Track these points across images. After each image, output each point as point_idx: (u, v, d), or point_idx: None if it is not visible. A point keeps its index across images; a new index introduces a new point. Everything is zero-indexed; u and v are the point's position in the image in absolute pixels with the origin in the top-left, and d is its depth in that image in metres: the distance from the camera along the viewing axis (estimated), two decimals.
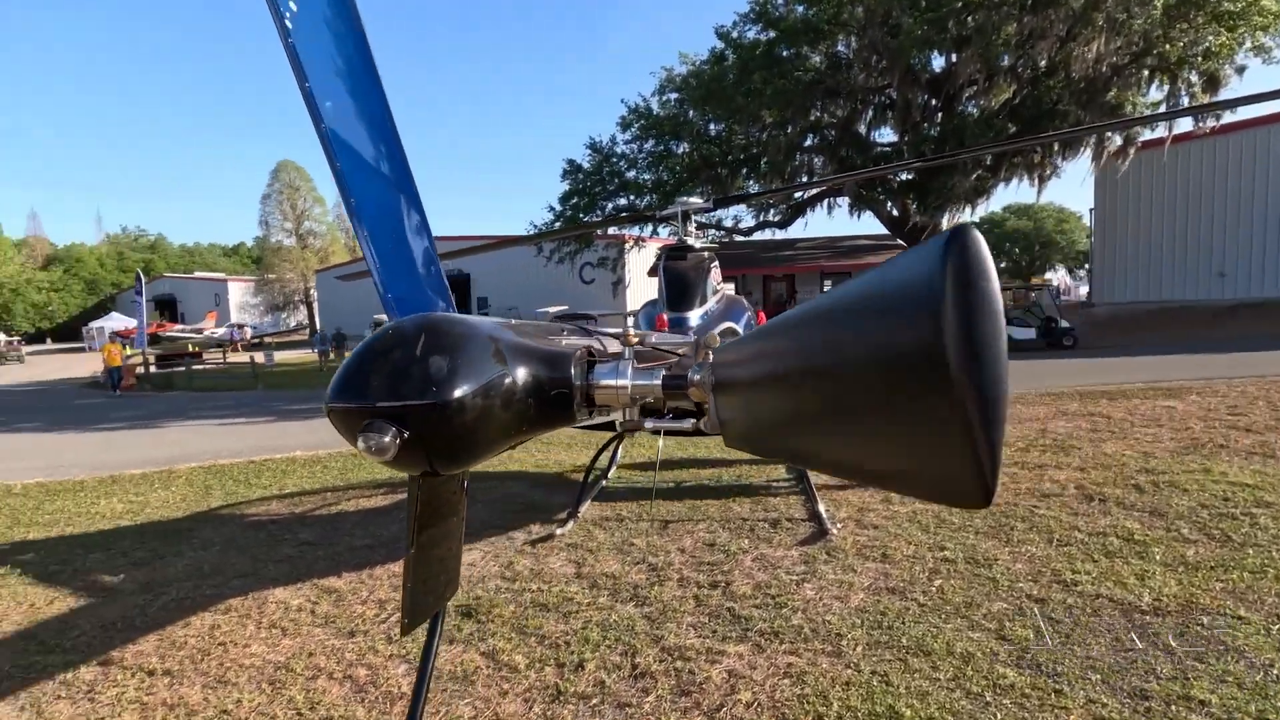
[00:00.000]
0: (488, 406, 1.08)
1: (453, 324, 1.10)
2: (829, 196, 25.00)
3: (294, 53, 1.05)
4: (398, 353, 1.07)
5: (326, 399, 1.09)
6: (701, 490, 6.13)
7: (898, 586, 3.87)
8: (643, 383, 1.32)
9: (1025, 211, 60.79)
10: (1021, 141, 16.24)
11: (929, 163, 17.51)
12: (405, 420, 1.03)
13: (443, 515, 1.35)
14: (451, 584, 1.39)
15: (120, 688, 3.22)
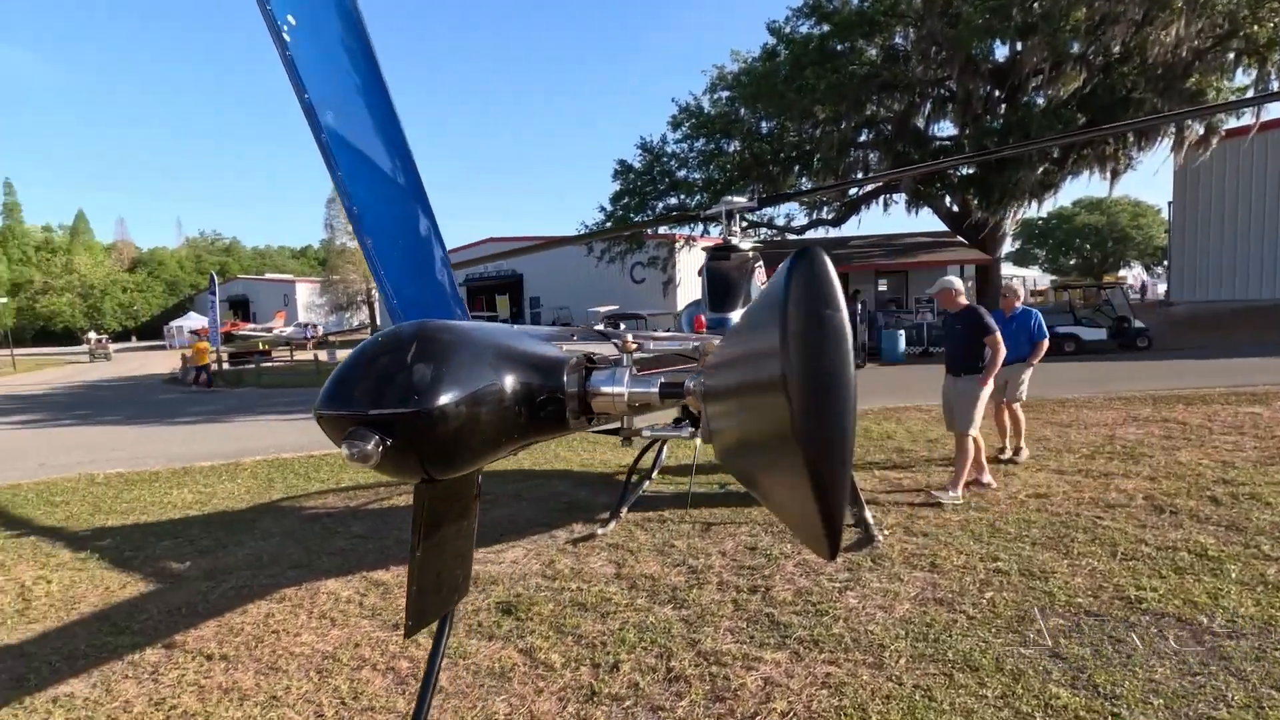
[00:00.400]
0: (474, 415, 1.08)
1: (444, 331, 1.11)
2: (885, 193, 24.38)
3: (292, 66, 1.08)
4: (384, 360, 1.08)
5: (315, 406, 1.11)
6: (746, 493, 6.04)
7: (946, 597, 3.74)
8: (640, 390, 1.30)
9: (1097, 206, 57.87)
10: (1091, 132, 15.47)
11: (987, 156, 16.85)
12: (388, 428, 1.04)
13: (451, 519, 1.36)
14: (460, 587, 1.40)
15: (181, 670, 3.39)
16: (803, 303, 0.74)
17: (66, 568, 5.05)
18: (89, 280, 67.40)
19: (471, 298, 39.27)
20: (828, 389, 0.75)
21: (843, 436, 0.76)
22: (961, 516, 5.07)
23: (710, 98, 23.49)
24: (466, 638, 3.58)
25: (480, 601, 4.03)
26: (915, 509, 5.32)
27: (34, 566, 5.09)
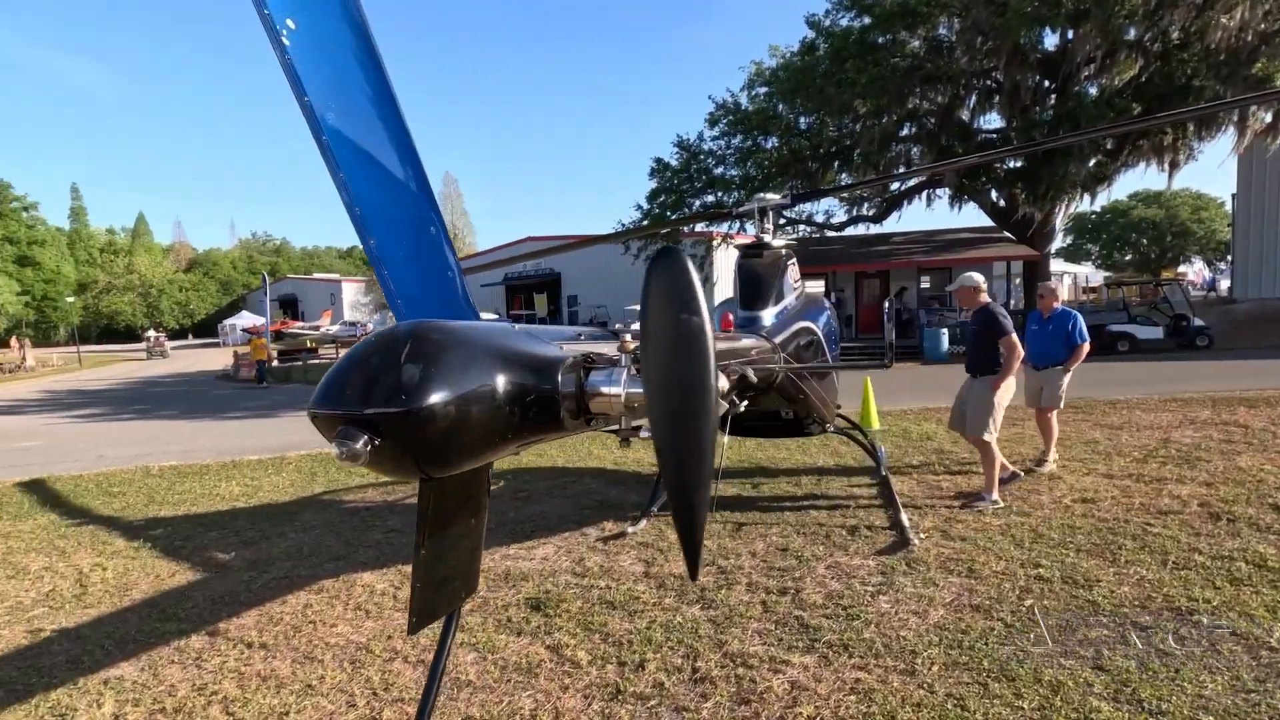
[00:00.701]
0: (464, 414, 1.08)
1: (438, 331, 1.11)
2: (928, 188, 23.81)
3: (291, 69, 1.09)
4: (375, 360, 1.09)
5: (308, 405, 1.12)
6: (780, 494, 5.99)
7: (983, 604, 3.63)
8: (639, 390, 1.28)
9: (1155, 199, 55.45)
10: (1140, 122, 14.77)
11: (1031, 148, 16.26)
12: (376, 427, 1.04)
13: (459, 517, 1.37)
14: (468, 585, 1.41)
15: (223, 657, 3.51)
16: (657, 306, 0.70)
17: (121, 555, 5.28)
18: (148, 280, 70.40)
19: (510, 296, 39.76)
20: (682, 396, 0.71)
21: (698, 446, 0.71)
22: (1002, 521, 4.92)
23: (748, 94, 23.28)
24: (496, 632, 3.63)
25: (510, 597, 4.07)
26: (954, 512, 5.18)
27: (91, 554, 5.34)
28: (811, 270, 24.84)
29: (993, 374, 5.29)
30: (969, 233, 26.22)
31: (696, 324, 0.69)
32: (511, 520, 5.65)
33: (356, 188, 1.15)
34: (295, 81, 1.07)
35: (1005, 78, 18.70)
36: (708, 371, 0.69)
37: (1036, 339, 6.39)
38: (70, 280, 63.83)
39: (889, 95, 18.59)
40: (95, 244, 72.91)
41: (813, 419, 5.09)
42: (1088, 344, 6.18)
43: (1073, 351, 6.16)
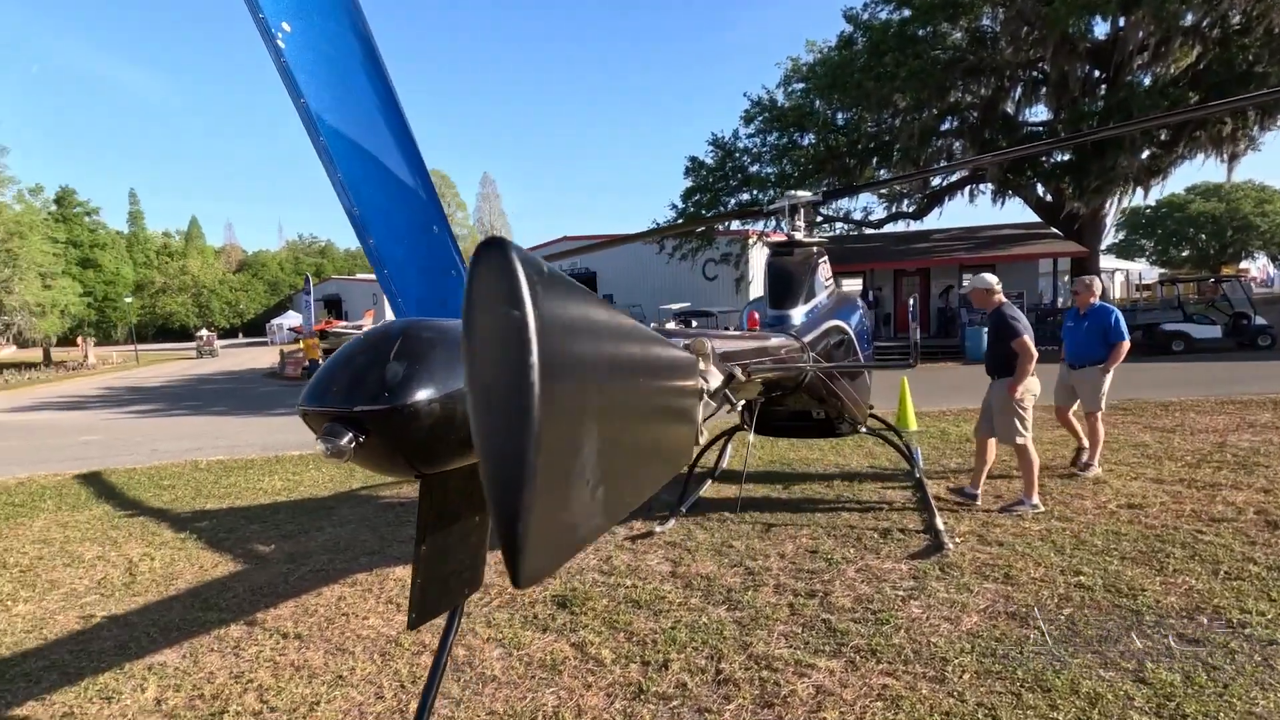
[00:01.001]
0: (450, 411, 1.08)
1: (428, 329, 1.11)
2: (971, 183, 23.22)
3: (287, 72, 1.11)
4: (363, 358, 1.10)
5: (298, 402, 1.14)
6: (810, 496, 5.91)
7: (1019, 612, 3.52)
8: None
9: (1215, 192, 53.02)
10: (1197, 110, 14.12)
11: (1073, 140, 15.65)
12: (361, 425, 1.05)
13: (461, 513, 1.38)
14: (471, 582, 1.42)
15: (260, 646, 3.62)
16: (478, 299, 0.66)
17: (169, 546, 5.49)
18: (200, 281, 73.08)
19: None
20: (501, 394, 0.67)
21: (517, 449, 0.67)
22: (1043, 526, 4.76)
23: (784, 91, 23.03)
24: (522, 629, 3.66)
25: (537, 594, 4.10)
26: (991, 516, 5.04)
27: (141, 544, 5.56)
28: (849, 268, 24.47)
29: (1010, 377, 5.12)
30: (1013, 229, 25.50)
31: (518, 318, 0.65)
32: None
33: (355, 188, 1.17)
34: (291, 84, 1.09)
35: (1052, 68, 18.10)
36: (528, 369, 0.65)
37: (1072, 336, 6.13)
38: (128, 281, 66.61)
39: (929, 89, 18.16)
40: (152, 247, 75.93)
41: (844, 419, 5.01)
42: (1127, 341, 5.85)
43: (1111, 349, 5.83)
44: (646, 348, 1.08)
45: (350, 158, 1.17)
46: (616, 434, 0.95)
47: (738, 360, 2.76)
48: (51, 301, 34.50)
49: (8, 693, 3.27)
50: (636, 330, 1.06)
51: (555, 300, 0.71)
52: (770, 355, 3.51)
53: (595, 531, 0.93)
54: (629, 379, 1.00)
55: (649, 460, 1.17)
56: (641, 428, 1.09)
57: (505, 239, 0.69)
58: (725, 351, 2.91)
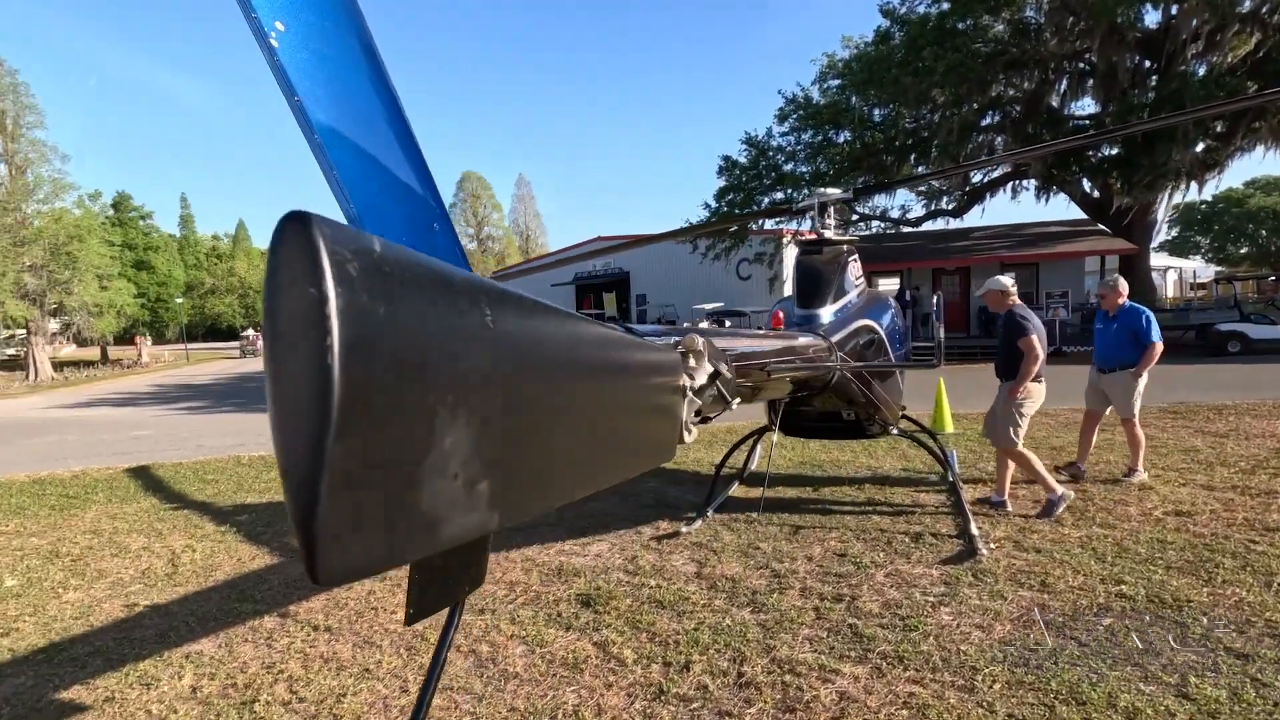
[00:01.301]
0: None
1: None
2: (1014, 179, 22.62)
3: (281, 71, 1.12)
4: None
5: None
6: (841, 498, 5.81)
7: (1055, 621, 3.40)
8: None
9: (1277, 185, 50.62)
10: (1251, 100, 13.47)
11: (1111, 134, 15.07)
12: None
13: None
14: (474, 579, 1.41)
15: (291, 638, 3.70)
16: (276, 278, 0.61)
17: (210, 539, 5.66)
18: (247, 282, 75.43)
19: (580, 295, 40.32)
20: (295, 380, 0.61)
21: (311, 438, 0.60)
22: (1083, 533, 4.60)
23: (819, 87, 22.75)
24: (545, 626, 3.67)
25: (562, 592, 4.11)
26: (1029, 522, 4.89)
27: (184, 536, 5.75)
28: (886, 267, 24.05)
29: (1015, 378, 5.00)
30: (1058, 226, 24.74)
31: (313, 297, 0.60)
32: (569, 517, 5.71)
33: (352, 187, 1.18)
34: (285, 83, 1.10)
35: (1100, 59, 17.53)
36: (324, 354, 0.60)
37: (1102, 339, 5.92)
38: (180, 283, 69.13)
39: (969, 83, 17.75)
40: (201, 249, 78.69)
41: (874, 420, 4.92)
42: (1160, 344, 5.59)
43: (1144, 352, 5.59)
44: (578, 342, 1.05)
45: (346, 156, 1.19)
46: (520, 427, 0.91)
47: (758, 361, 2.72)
48: (108, 302, 35.99)
49: (55, 676, 3.41)
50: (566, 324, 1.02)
51: (380, 281, 0.65)
52: (797, 355, 3.46)
53: (478, 525, 0.88)
54: (541, 371, 0.95)
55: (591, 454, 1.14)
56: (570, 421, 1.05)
57: (310, 213, 0.63)
58: (747, 351, 2.88)
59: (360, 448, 0.66)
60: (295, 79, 1.11)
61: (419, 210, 1.34)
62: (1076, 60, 18.69)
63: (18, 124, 33.94)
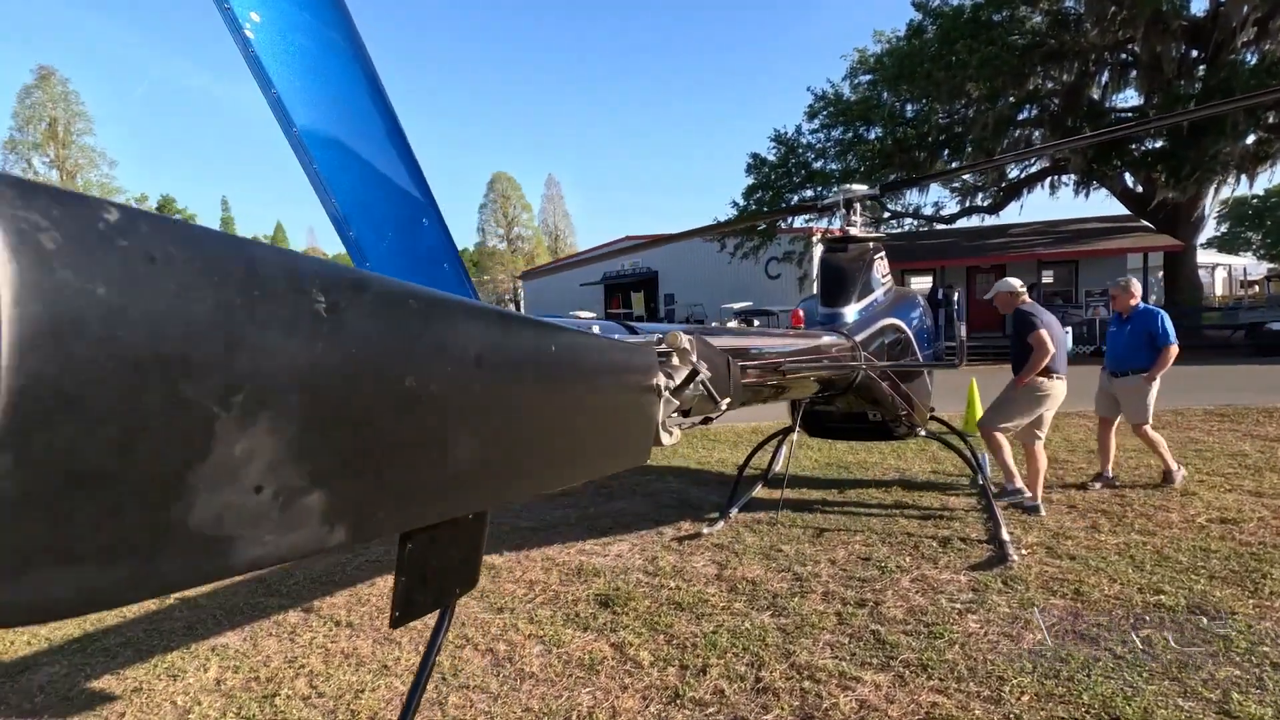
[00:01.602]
0: None
1: None
2: (1052, 174, 22.03)
3: (257, 63, 1.11)
4: None
5: None
6: (867, 500, 5.70)
7: (1089, 631, 3.27)
8: None
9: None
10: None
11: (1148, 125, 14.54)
12: None
13: None
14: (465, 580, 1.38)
15: (314, 633, 3.75)
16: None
17: None
18: None
19: (609, 295, 40.43)
20: None
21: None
22: (1121, 539, 4.43)
23: (850, 83, 22.43)
24: (563, 626, 3.66)
25: (581, 592, 4.10)
26: (1063, 527, 4.73)
27: None
28: (919, 265, 23.61)
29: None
30: (1099, 222, 24.01)
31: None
32: (591, 515, 5.70)
33: (334, 181, 1.17)
34: (261, 75, 1.09)
35: (1143, 49, 16.97)
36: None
37: (1114, 342, 5.75)
38: None
39: (1004, 76, 17.33)
40: None
41: (900, 422, 4.81)
42: (1176, 346, 5.39)
43: (1159, 355, 5.39)
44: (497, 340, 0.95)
45: (327, 150, 1.17)
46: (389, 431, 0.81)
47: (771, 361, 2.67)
48: None
49: (87, 666, 3.50)
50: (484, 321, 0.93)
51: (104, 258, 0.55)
52: (816, 355, 3.39)
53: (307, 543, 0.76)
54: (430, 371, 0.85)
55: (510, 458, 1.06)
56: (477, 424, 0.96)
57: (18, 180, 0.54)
58: (761, 350, 2.82)
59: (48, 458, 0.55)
60: (272, 71, 1.10)
61: (407, 205, 1.32)
62: (1119, 51, 18.10)
63: (69, 131, 35.34)
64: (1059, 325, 5.17)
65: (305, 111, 1.14)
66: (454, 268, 1.39)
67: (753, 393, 2.77)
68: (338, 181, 1.18)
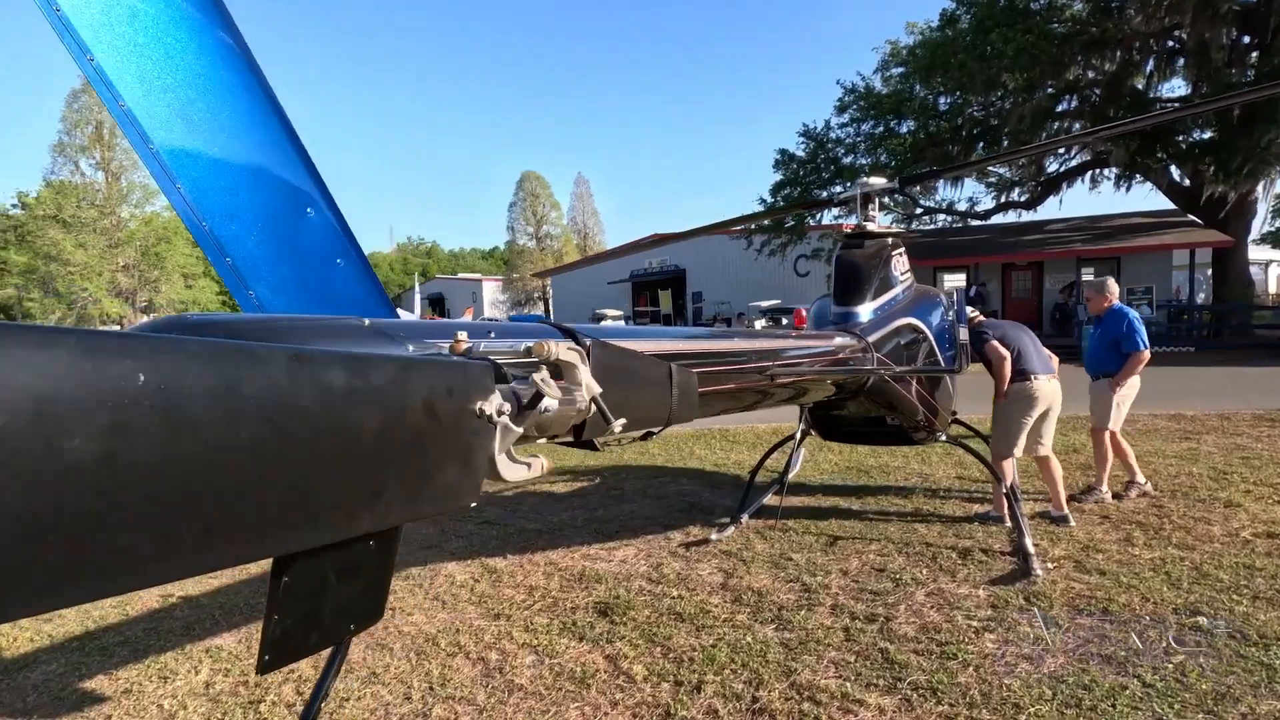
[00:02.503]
0: None
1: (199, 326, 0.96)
2: (1093, 167, 21.26)
3: (66, 26, 0.97)
4: None
5: None
6: (885, 507, 5.48)
7: (1116, 655, 3.04)
8: None
9: None
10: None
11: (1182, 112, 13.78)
12: None
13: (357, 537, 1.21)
14: (365, 614, 1.25)
15: None
16: None
17: None
18: None
19: (636, 293, 40.33)
20: None
21: None
22: (1156, 554, 4.16)
23: (882, 76, 21.93)
24: (559, 635, 3.54)
25: (580, 599, 3.98)
26: (1094, 539, 4.46)
27: None
28: (952, 262, 23.00)
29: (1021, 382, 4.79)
30: (1142, 217, 23.09)
31: None
32: (599, 518, 5.58)
33: (180, 163, 1.03)
34: (73, 40, 0.95)
35: (1191, 36, 16.22)
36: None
37: (1089, 343, 5.54)
38: None
39: (1042, 66, 16.70)
40: None
41: (918, 426, 4.58)
42: (1145, 351, 5.08)
43: (1125, 361, 5.13)
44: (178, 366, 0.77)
45: (170, 128, 1.04)
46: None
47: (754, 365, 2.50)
48: (193, 299, 38.24)
49: (83, 665, 3.50)
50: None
51: None
52: (819, 359, 3.22)
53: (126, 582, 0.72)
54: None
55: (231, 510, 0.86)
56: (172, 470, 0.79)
57: None
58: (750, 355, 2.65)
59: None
60: (87, 36, 0.96)
61: (284, 193, 1.19)
62: (1164, 38, 17.34)
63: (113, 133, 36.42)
64: (1016, 327, 5.00)
65: (136, 84, 1.01)
66: (351, 264, 1.25)
67: (734, 400, 2.61)
68: (183, 167, 1.05)
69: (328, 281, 1.22)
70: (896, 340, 4.15)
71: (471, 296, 66.63)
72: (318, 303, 1.21)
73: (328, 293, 1.22)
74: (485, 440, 1.18)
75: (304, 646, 1.16)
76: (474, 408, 1.13)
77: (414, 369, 1.07)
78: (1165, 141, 17.30)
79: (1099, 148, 18.55)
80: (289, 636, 1.11)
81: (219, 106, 1.11)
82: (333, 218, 1.25)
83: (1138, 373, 5.17)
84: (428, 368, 1.09)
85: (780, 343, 3.01)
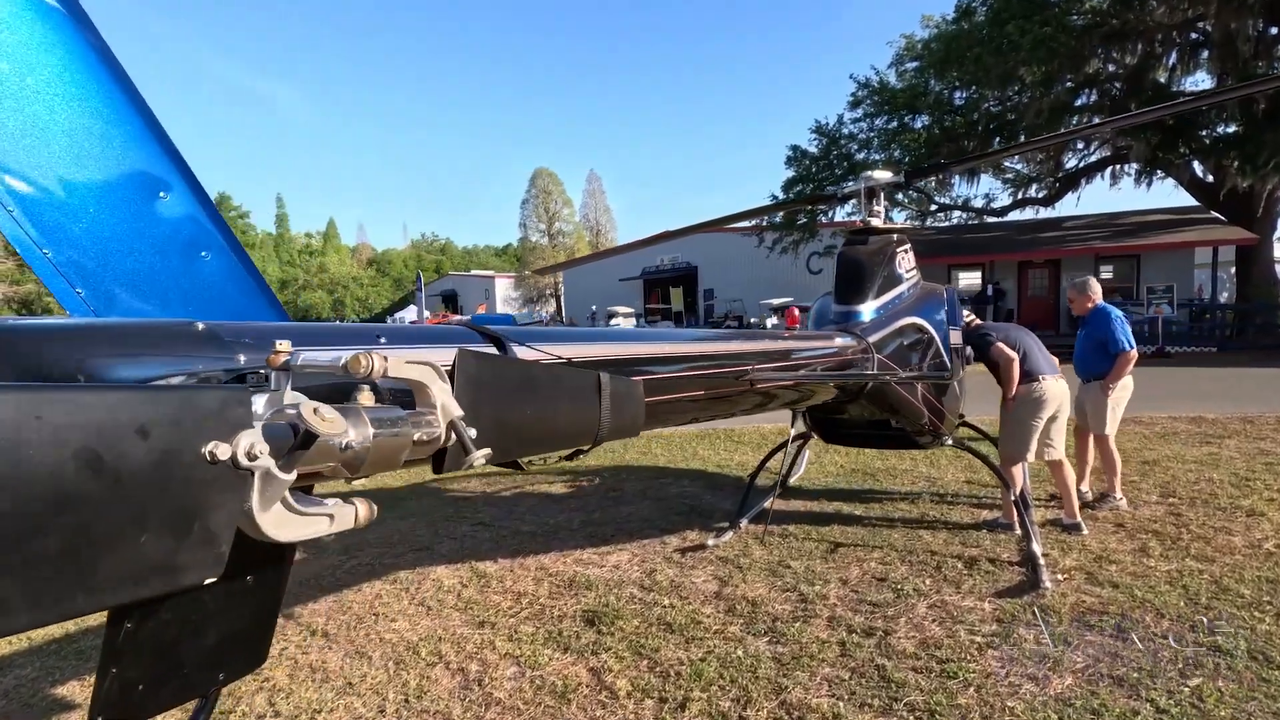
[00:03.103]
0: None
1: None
2: (1113, 163, 20.82)
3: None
4: None
5: None
6: (890, 514, 5.30)
7: (1129, 676, 2.87)
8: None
9: None
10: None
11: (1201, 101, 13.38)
12: None
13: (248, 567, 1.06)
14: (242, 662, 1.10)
15: (287, 642, 3.59)
16: None
17: None
18: (336, 278, 79.40)
19: (647, 290, 40.17)
20: None
21: None
22: (1173, 566, 3.96)
23: (896, 71, 21.59)
24: (543, 645, 3.42)
25: (568, 607, 3.85)
26: (1107, 549, 4.26)
27: None
28: (967, 260, 22.65)
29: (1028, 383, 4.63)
30: (1163, 214, 22.59)
31: None
32: (595, 521, 5.45)
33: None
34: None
35: (1215, 27, 15.77)
36: None
37: (1077, 346, 5.32)
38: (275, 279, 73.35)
39: (1060, 59, 16.33)
40: (295, 246, 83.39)
41: (923, 430, 4.40)
42: (1132, 351, 4.89)
43: (1114, 362, 4.93)
44: None
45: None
46: None
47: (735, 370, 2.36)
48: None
49: (57, 670, 3.42)
50: None
51: None
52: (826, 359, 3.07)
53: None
54: None
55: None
56: None
57: None
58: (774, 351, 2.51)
59: None
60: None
61: (129, 176, 1.04)
62: (1188, 30, 16.89)
63: None
64: (1017, 329, 4.90)
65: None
66: (221, 257, 1.10)
67: (713, 407, 2.46)
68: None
69: (189, 277, 1.07)
70: (899, 341, 3.97)
71: (484, 293, 66.79)
72: (178, 302, 1.06)
73: (190, 291, 1.07)
74: (230, 494, 0.89)
75: (154, 702, 1.03)
76: (203, 451, 0.84)
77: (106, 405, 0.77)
78: (1188, 136, 16.87)
79: (1119, 143, 18.13)
80: (129, 689, 0.98)
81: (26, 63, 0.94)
82: (197, 204, 1.10)
83: (1128, 373, 4.98)
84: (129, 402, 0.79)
85: (768, 344, 2.85)
